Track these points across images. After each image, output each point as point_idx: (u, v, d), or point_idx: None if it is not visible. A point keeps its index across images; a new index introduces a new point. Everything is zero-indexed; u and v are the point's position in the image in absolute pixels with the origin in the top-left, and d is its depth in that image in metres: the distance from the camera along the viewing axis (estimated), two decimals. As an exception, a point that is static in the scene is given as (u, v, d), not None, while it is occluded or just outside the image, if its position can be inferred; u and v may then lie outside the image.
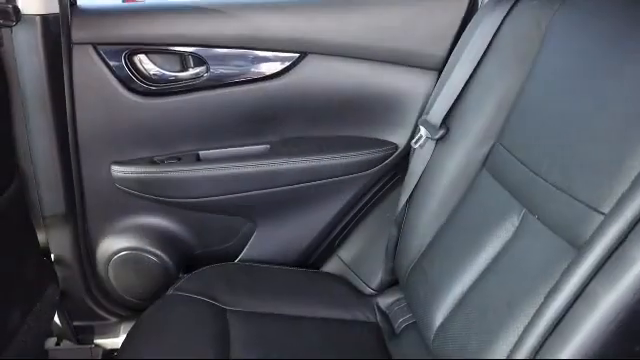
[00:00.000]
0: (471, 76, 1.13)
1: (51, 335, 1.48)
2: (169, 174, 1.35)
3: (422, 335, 1.06)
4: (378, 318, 1.26)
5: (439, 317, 1.00)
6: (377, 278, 1.34)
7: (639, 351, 0.63)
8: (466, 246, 1.00)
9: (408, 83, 1.33)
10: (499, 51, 1.11)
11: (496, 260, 0.93)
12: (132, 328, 1.17)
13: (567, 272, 0.68)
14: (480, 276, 0.95)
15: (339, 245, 1.49)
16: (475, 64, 1.13)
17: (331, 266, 1.48)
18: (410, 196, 1.21)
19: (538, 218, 0.86)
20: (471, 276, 0.96)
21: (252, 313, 1.18)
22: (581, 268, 0.66)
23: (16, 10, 1.07)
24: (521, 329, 0.75)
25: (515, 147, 0.98)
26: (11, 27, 1.08)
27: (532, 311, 0.74)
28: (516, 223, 0.92)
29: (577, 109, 0.84)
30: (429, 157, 1.18)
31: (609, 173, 0.71)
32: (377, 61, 1.33)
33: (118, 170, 1.34)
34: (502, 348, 0.78)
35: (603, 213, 0.69)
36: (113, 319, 1.51)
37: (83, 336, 1.51)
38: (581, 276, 0.66)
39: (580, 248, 0.69)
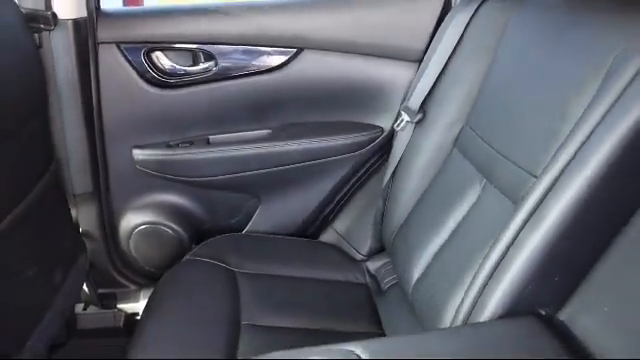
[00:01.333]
0: (444, 67, 1.31)
1: (79, 302, 1.65)
2: (183, 156, 1.52)
3: (403, 290, 1.23)
4: (367, 280, 1.43)
5: (416, 274, 1.16)
6: (366, 245, 1.51)
7: (558, 280, 0.81)
8: (438, 213, 1.17)
9: (392, 74, 1.50)
10: (467, 45, 1.29)
11: (461, 223, 1.10)
12: (155, 289, 1.33)
13: (505, 226, 0.86)
14: (449, 237, 1.12)
15: (333, 218, 1.66)
16: (447, 56, 1.30)
17: (326, 236, 1.66)
18: (393, 173, 1.39)
19: (494, 185, 1.03)
20: (442, 238, 1.13)
21: (258, 274, 1.36)
22: (514, 222, 0.84)
23: (54, 16, 1.24)
24: (472, 275, 0.92)
25: (479, 127, 1.15)
26: (50, 31, 1.26)
27: (481, 260, 0.90)
28: (478, 191, 1.09)
29: (525, 90, 1.02)
30: (409, 139, 1.35)
31: (543, 141, 0.88)
32: (365, 55, 1.50)
33: (138, 153, 1.52)
34: (459, 293, 0.94)
35: (535, 176, 0.87)
36: (133, 287, 1.68)
37: (107, 302, 1.67)
38: (514, 229, 0.84)
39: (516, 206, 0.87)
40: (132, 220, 1.61)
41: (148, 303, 1.31)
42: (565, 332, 0.79)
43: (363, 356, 0.71)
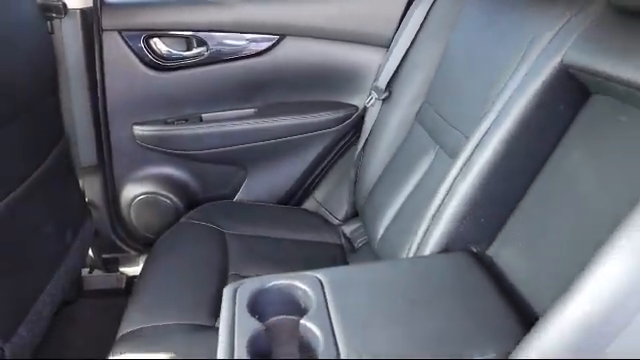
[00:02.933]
0: (407, 51, 1.49)
1: (85, 266, 1.82)
2: (179, 132, 1.70)
3: (371, 246, 1.41)
4: (342, 241, 1.61)
5: (381, 231, 1.35)
6: (342, 211, 1.71)
7: (484, 222, 0.99)
8: (400, 178, 1.35)
9: (364, 58, 1.68)
10: (428, 30, 1.47)
11: (418, 185, 1.28)
12: (154, 246, 1.51)
13: (444, 179, 1.04)
14: (407, 198, 1.30)
15: (314, 187, 1.85)
16: (411, 41, 1.49)
17: (307, 204, 1.85)
18: (364, 145, 1.57)
19: (443, 151, 1.22)
20: (402, 198, 1.32)
21: (244, 235, 1.53)
22: (450, 175, 1.02)
23: (64, 6, 1.41)
24: (419, 224, 1.09)
25: (433, 102, 1.34)
26: (60, 19, 1.43)
27: (427, 211, 1.08)
28: (432, 157, 1.27)
29: (468, 69, 1.20)
30: (377, 115, 1.54)
31: (476, 109, 1.06)
32: (340, 41, 1.68)
33: (138, 129, 1.69)
34: (410, 239, 1.10)
35: (468, 137, 1.05)
36: (134, 252, 1.85)
37: (110, 266, 1.85)
38: (449, 181, 1.01)
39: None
40: (132, 190, 1.78)
41: (148, 257, 1.48)
42: (490, 264, 0.98)
43: (323, 279, 0.90)
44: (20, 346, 1.11)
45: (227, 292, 0.91)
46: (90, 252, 1.78)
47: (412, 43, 1.48)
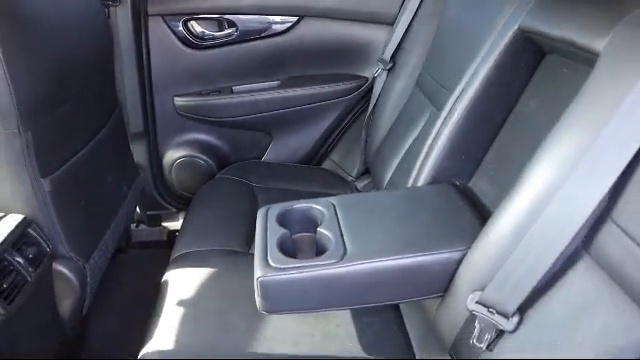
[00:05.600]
0: (409, 26, 1.73)
1: (133, 221, 2.09)
2: (213, 102, 1.97)
3: (379, 193, 1.66)
4: (355, 194, 1.87)
5: (387, 177, 1.59)
6: (355, 169, 1.95)
7: (465, 159, 1.23)
8: (402, 134, 1.59)
9: (372, 34, 1.93)
10: (426, 8, 1.71)
11: (416, 138, 1.53)
12: (194, 197, 1.77)
13: (432, 128, 1.29)
14: (408, 149, 1.54)
15: (330, 150, 2.11)
16: (411, 17, 1.73)
17: (325, 164, 2.11)
18: (373, 109, 1.82)
19: (436, 108, 1.46)
20: (404, 150, 1.55)
21: (270, 188, 1.79)
22: (437, 123, 1.27)
23: (118, -5, 1.69)
24: (416, 165, 1.34)
25: (429, 69, 1.58)
26: (115, 7, 1.70)
27: (420, 155, 1.33)
28: (428, 115, 1.51)
29: (455, 40, 1.45)
30: (383, 83, 1.79)
31: (459, 69, 1.29)
32: (352, 20, 1.93)
33: (178, 100, 1.97)
34: (409, 178, 1.36)
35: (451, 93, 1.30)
36: (173, 209, 2.12)
37: (154, 221, 2.12)
38: (436, 128, 1.27)
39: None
40: (173, 154, 2.06)
41: (192, 202, 1.74)
42: (469, 194, 1.23)
43: (335, 202, 1.16)
44: (94, 269, 1.38)
45: (261, 212, 1.19)
46: (137, 209, 2.05)
47: (412, 20, 1.73)
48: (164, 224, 2.14)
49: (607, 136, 0.75)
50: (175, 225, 2.13)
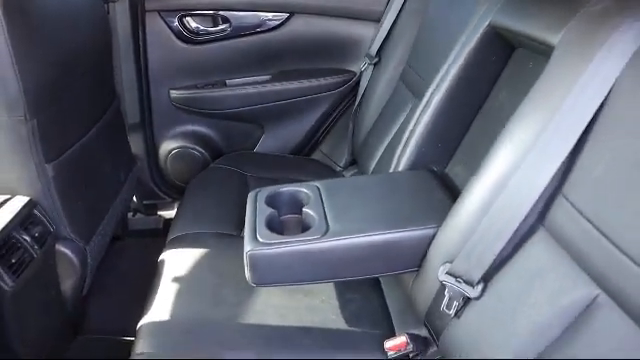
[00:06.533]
0: (394, 23, 1.82)
1: (129, 210, 2.16)
2: (206, 94, 2.06)
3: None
4: (343, 183, 1.96)
5: (372, 166, 1.67)
6: (343, 160, 2.04)
7: (441, 147, 1.32)
8: (387, 125, 1.68)
9: (360, 30, 2.02)
10: (410, 6, 1.80)
11: (399, 129, 1.61)
12: (188, 185, 1.85)
13: (412, 119, 1.38)
14: (391, 139, 1.63)
15: (320, 141, 2.20)
16: (396, 15, 1.82)
17: (315, 155, 2.20)
18: (360, 102, 1.91)
19: (417, 99, 1.55)
20: (387, 140, 1.63)
21: (263, 177, 1.86)
22: (416, 112, 1.36)
23: (116, -9, 1.77)
24: (397, 152, 1.43)
25: (412, 63, 1.66)
26: (114, 2, 1.78)
27: (401, 143, 1.42)
28: (410, 106, 1.60)
29: (434, 37, 1.53)
30: (369, 76, 1.87)
31: (437, 63, 1.38)
32: (340, 17, 2.02)
33: (174, 92, 2.05)
34: (391, 165, 1.46)
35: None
36: (169, 199, 2.20)
37: (150, 210, 2.20)
38: (416, 116, 1.36)
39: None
40: (168, 145, 2.14)
41: (187, 188, 1.82)
42: (444, 178, 1.32)
43: (320, 186, 1.24)
44: (94, 251, 1.47)
45: (251, 195, 1.27)
46: (134, 198, 2.13)
47: (397, 17, 1.82)
48: (160, 213, 2.21)
49: (557, 122, 0.84)
50: (170, 214, 2.19)
